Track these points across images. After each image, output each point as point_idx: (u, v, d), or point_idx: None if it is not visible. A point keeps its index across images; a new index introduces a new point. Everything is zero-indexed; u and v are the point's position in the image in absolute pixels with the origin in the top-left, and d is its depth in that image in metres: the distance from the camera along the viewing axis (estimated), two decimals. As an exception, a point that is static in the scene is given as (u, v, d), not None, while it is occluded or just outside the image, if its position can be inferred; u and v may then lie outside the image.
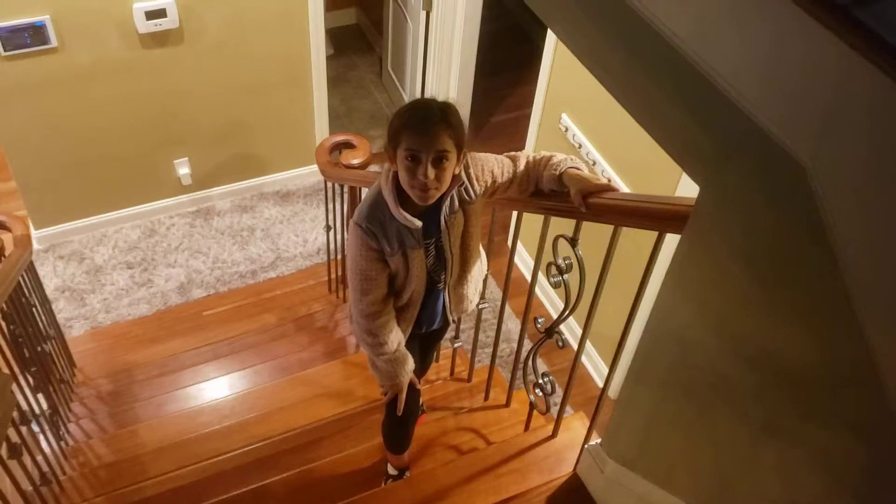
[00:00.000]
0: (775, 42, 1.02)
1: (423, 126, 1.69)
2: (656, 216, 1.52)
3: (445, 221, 1.90)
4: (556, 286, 1.95)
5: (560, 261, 1.92)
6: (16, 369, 2.40)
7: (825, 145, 0.99)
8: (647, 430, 1.66)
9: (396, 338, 2.03)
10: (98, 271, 4.35)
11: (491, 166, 1.96)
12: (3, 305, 2.35)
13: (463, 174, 1.88)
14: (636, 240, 2.01)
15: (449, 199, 1.88)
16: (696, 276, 1.34)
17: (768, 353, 1.22)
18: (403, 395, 2.11)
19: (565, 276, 1.94)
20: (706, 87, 1.13)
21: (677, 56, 1.17)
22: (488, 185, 1.95)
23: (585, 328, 1.97)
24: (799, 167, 1.03)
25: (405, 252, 1.89)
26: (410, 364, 2.10)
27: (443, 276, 2.04)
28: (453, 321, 2.23)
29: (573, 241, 1.89)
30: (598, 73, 1.46)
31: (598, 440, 1.99)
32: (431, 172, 1.70)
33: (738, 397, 1.32)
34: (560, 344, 2.04)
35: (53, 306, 3.86)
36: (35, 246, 4.32)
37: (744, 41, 1.07)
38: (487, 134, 5.44)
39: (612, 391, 2.60)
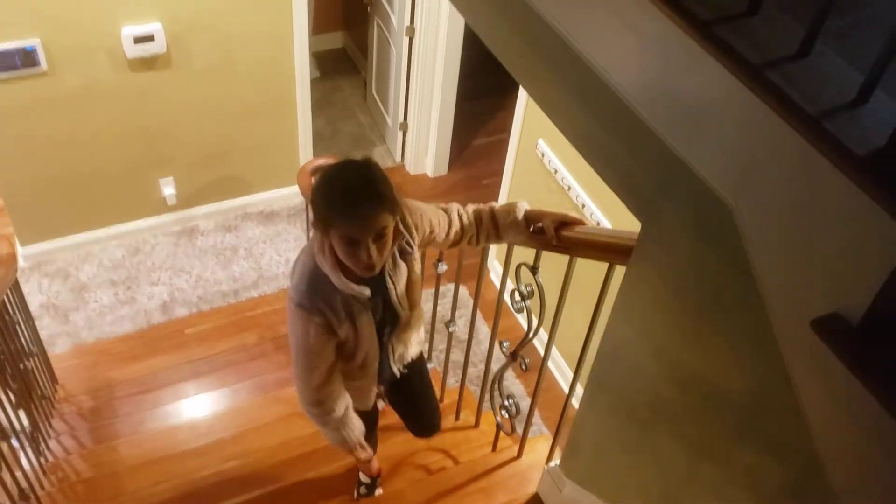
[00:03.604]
0: (700, 96, 1.11)
1: (356, 211, 1.59)
2: (608, 249, 1.61)
3: (391, 278, 1.85)
4: (518, 311, 2.03)
5: (522, 287, 2.00)
6: (-3, 386, 2.47)
7: (746, 188, 1.08)
8: (599, 451, 1.74)
9: (343, 403, 1.98)
10: (82, 289, 4.40)
11: (429, 215, 1.93)
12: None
13: (401, 225, 1.82)
14: (599, 265, 2.10)
15: (390, 255, 1.81)
16: (638, 306, 1.42)
17: (700, 378, 1.31)
18: (364, 453, 2.11)
19: (527, 302, 2.02)
20: (645, 132, 1.23)
21: (620, 104, 1.26)
22: (426, 234, 1.92)
23: (546, 351, 2.06)
24: (725, 207, 1.12)
25: (353, 319, 1.81)
26: (359, 426, 2.07)
27: (387, 330, 2.00)
28: (398, 372, 2.16)
29: (534, 269, 1.98)
30: (552, 115, 1.56)
31: (558, 461, 2.08)
32: (374, 251, 1.62)
33: (675, 419, 1.41)
34: (523, 367, 2.12)
35: (37, 323, 3.91)
36: (21, 263, 4.38)
37: (675, 95, 1.17)
38: (469, 157, 5.55)
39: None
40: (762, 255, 1.08)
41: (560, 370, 3.99)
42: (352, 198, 1.59)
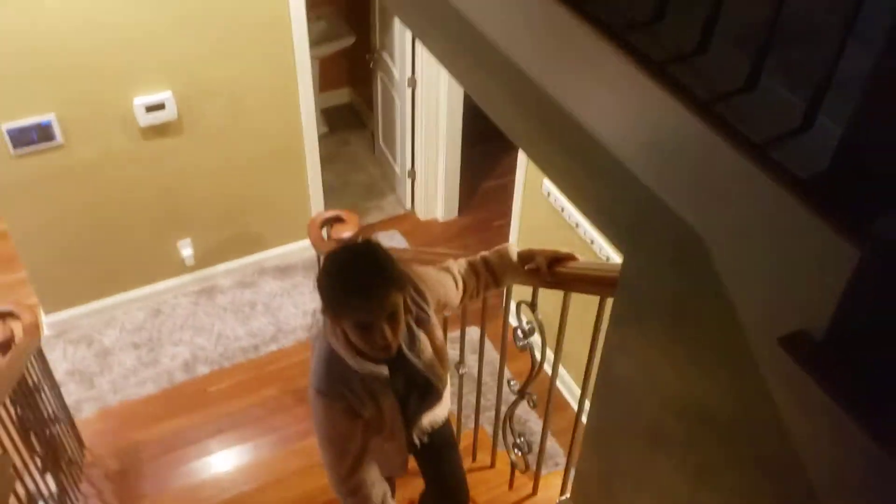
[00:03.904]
0: (663, 132, 1.17)
1: (366, 298, 1.59)
2: (599, 282, 1.66)
3: (411, 352, 1.80)
4: (521, 349, 2.08)
5: (524, 325, 2.05)
6: (24, 452, 2.53)
7: (711, 215, 1.13)
8: (605, 483, 1.77)
9: (380, 490, 1.93)
10: (106, 353, 4.49)
11: (440, 279, 1.91)
12: (11, 392, 2.50)
13: (411, 297, 1.78)
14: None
15: (404, 330, 1.76)
16: (627, 337, 1.47)
17: (692, 404, 1.34)
18: None
19: (530, 339, 2.06)
20: (620, 168, 1.29)
21: (596, 144, 1.32)
22: (440, 299, 1.89)
23: (550, 388, 2.10)
24: (696, 234, 1.18)
25: (375, 398, 1.78)
26: None
27: (412, 402, 1.93)
28: (417, 440, 2.08)
29: (533, 306, 2.03)
30: (532, 156, 1.62)
31: (568, 495, 2.10)
32: (388, 333, 1.61)
33: (674, 447, 1.44)
34: (531, 404, 2.15)
35: (63, 389, 3.98)
36: (45, 332, 4.48)
37: (642, 132, 1.23)
38: (478, 200, 5.63)
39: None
40: (732, 279, 1.13)
41: (576, 398, 3.99)
42: (358, 285, 1.59)
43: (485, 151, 5.73)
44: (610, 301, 1.83)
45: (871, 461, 0.97)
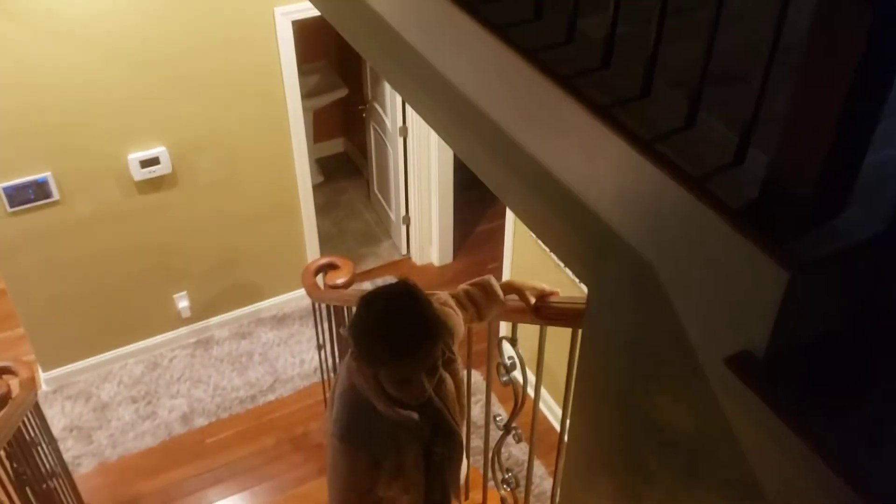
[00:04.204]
0: (614, 171, 1.24)
1: (411, 356, 1.52)
2: (570, 315, 1.72)
3: (438, 395, 1.71)
4: (505, 385, 2.12)
5: (505, 360, 2.10)
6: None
7: (661, 246, 1.19)
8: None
9: None
10: (104, 408, 4.52)
11: (455, 317, 1.84)
12: (6, 446, 2.53)
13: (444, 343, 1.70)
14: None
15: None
16: (596, 366, 1.52)
17: (661, 428, 1.39)
18: None
19: (512, 374, 2.11)
20: (578, 206, 1.35)
21: (557, 184, 1.39)
22: (460, 337, 1.83)
23: (532, 421, 2.13)
24: (649, 265, 1.23)
25: (400, 448, 1.69)
26: None
27: (439, 455, 1.82)
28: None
29: (513, 341, 2.08)
30: (501, 195, 1.69)
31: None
32: (426, 383, 1.56)
33: (650, 472, 1.48)
34: (516, 439, 2.19)
35: (62, 445, 4.01)
36: (43, 388, 4.52)
37: (602, 174, 1.30)
38: (472, 243, 5.70)
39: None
40: (682, 305, 1.18)
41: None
42: (402, 342, 1.50)
43: (477, 197, 5.82)
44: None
45: (817, 473, 1.01)
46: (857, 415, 1.04)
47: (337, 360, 3.86)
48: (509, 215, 4.39)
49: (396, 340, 1.52)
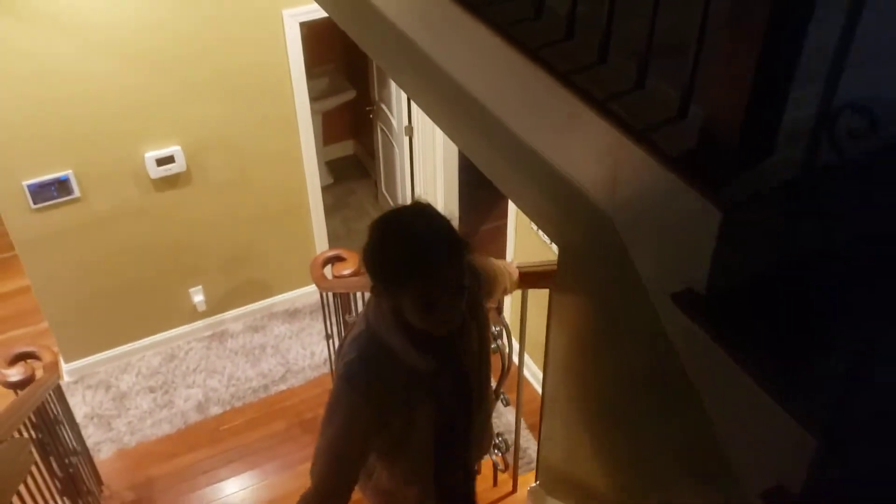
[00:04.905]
0: (580, 136, 1.39)
1: (435, 267, 1.36)
2: (547, 276, 1.86)
3: (459, 342, 1.55)
4: (493, 352, 2.26)
5: (493, 328, 2.24)
6: (43, 470, 2.72)
7: (616, 197, 1.34)
8: (567, 463, 1.93)
9: None
10: (123, 397, 4.69)
11: (497, 275, 1.71)
12: (31, 416, 2.70)
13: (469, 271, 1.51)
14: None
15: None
16: (565, 317, 1.66)
17: (626, 371, 1.53)
18: None
19: (499, 342, 2.25)
20: (546, 169, 1.50)
21: (527, 149, 1.54)
22: (492, 294, 1.67)
23: (518, 386, 2.27)
24: (608, 217, 1.38)
25: (411, 409, 1.52)
26: None
27: (459, 426, 1.66)
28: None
29: (499, 310, 2.22)
30: (479, 164, 1.84)
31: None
32: (455, 308, 1.39)
33: (618, 416, 1.62)
34: (504, 403, 2.33)
35: (83, 431, 4.18)
36: (66, 378, 4.69)
37: (565, 135, 1.44)
38: (478, 241, 5.84)
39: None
40: (635, 249, 1.32)
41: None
42: (424, 251, 1.36)
43: (482, 196, 5.96)
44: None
45: (753, 397, 1.15)
46: (792, 344, 1.17)
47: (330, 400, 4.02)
48: (511, 209, 4.53)
49: (419, 251, 1.35)
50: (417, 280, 1.37)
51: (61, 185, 4.02)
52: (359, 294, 3.74)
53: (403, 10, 1.87)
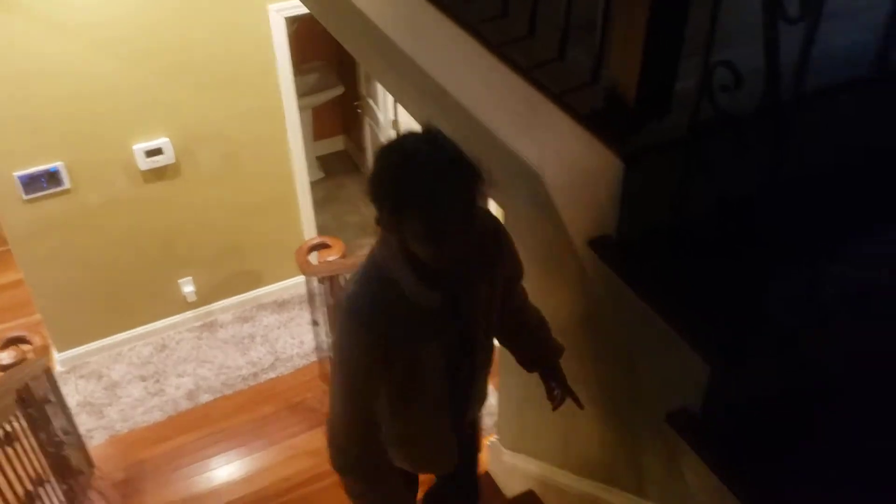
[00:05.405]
0: (510, 98, 1.50)
1: (448, 189, 1.26)
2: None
3: (466, 295, 1.49)
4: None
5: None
6: (32, 439, 2.84)
7: (544, 156, 1.46)
8: (521, 416, 2.05)
9: (385, 461, 1.63)
10: (115, 386, 4.80)
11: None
12: (22, 390, 2.82)
13: (482, 223, 1.43)
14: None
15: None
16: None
17: (563, 319, 1.64)
18: None
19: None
20: (488, 136, 1.61)
21: (477, 123, 1.65)
22: (512, 254, 1.53)
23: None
24: (538, 175, 1.49)
25: (415, 349, 1.46)
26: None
27: (463, 368, 1.62)
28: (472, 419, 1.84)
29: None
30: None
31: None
32: (465, 241, 1.31)
33: (565, 364, 1.73)
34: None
35: (76, 419, 4.29)
36: (58, 368, 4.81)
37: (501, 103, 1.56)
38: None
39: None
40: (561, 203, 1.44)
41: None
42: (433, 175, 1.25)
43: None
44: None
45: (658, 330, 1.26)
46: (692, 282, 1.29)
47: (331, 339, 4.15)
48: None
49: (425, 174, 1.25)
50: (424, 205, 1.26)
51: (52, 177, 4.14)
52: (342, 281, 3.88)
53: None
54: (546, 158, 1.42)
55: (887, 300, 1.18)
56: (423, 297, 1.40)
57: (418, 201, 1.26)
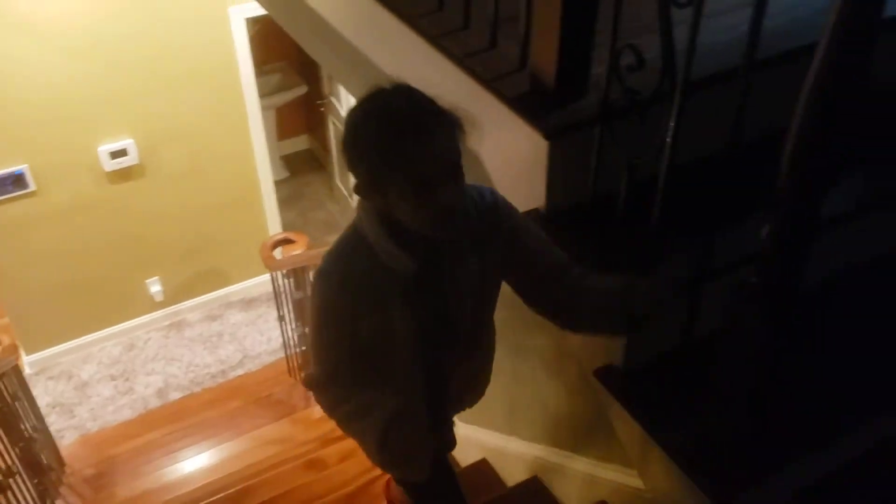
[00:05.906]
0: (447, 82, 1.62)
1: (426, 140, 1.19)
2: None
3: (451, 270, 1.41)
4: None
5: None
6: (3, 436, 2.90)
7: (483, 134, 1.57)
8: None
9: (382, 417, 1.52)
10: (84, 386, 4.85)
11: (541, 241, 1.41)
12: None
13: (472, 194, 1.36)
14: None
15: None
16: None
17: (511, 297, 1.76)
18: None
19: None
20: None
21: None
22: (515, 229, 1.38)
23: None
24: (475, 155, 1.61)
25: (384, 307, 1.38)
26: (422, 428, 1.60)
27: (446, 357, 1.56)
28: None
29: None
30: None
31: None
32: (455, 191, 1.23)
33: (505, 335, 1.85)
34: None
35: (46, 420, 4.34)
36: (27, 370, 4.84)
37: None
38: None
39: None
40: (498, 183, 1.56)
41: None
42: (411, 124, 1.19)
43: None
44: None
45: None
46: (613, 249, 1.41)
47: (297, 335, 4.24)
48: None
49: (403, 124, 1.19)
50: (405, 157, 1.19)
51: (17, 180, 4.18)
52: (308, 277, 3.97)
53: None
54: (482, 139, 1.53)
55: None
56: (396, 261, 1.32)
57: (397, 155, 1.19)
